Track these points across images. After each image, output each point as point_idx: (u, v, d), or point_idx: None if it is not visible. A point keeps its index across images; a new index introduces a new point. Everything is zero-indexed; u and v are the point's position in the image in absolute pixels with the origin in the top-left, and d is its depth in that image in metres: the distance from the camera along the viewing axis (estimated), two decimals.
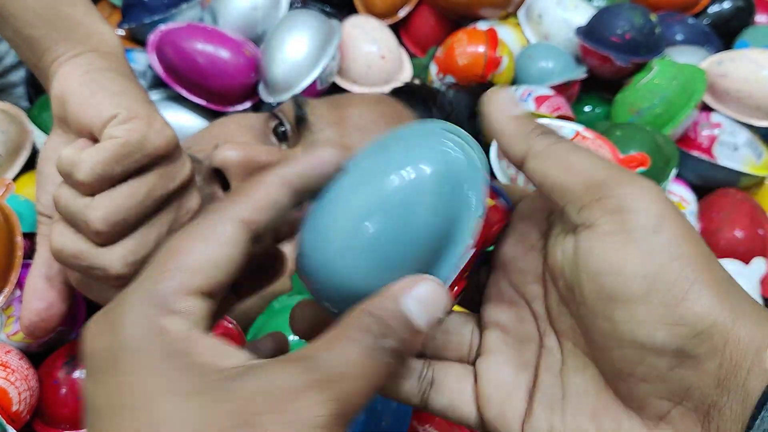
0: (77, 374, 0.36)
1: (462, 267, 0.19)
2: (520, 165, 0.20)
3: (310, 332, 0.22)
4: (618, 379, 0.18)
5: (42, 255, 0.34)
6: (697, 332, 0.16)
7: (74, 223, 0.30)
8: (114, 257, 0.29)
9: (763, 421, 0.15)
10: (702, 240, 0.17)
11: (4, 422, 0.32)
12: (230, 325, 0.36)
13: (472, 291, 0.23)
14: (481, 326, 0.22)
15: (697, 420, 0.16)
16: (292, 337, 0.36)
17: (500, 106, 0.20)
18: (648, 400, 0.17)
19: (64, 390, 0.36)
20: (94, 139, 0.32)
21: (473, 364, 0.22)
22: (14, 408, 0.33)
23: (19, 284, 0.37)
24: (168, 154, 0.32)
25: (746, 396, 0.16)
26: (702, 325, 0.16)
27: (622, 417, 0.18)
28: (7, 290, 0.36)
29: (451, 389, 0.21)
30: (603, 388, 0.19)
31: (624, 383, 0.18)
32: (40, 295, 0.33)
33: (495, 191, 0.21)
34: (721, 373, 0.16)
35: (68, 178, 0.29)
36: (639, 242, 0.17)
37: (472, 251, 0.19)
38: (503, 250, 0.22)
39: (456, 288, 0.21)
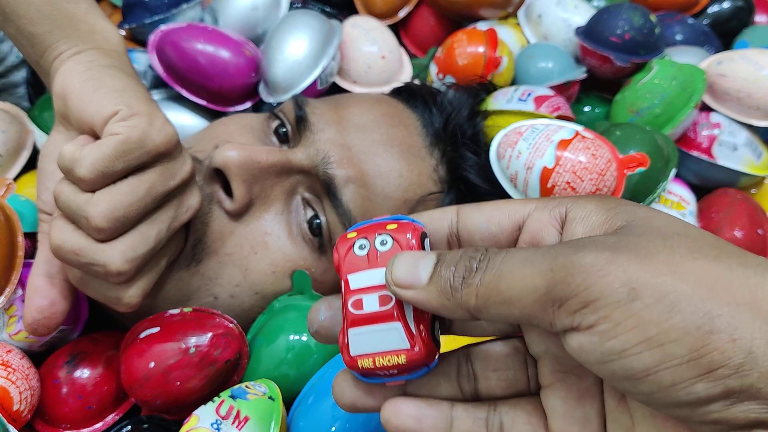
0: (78, 373, 0.36)
1: (413, 330, 0.19)
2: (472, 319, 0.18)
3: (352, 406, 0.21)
4: (681, 423, 0.16)
5: (43, 253, 0.34)
6: (737, 366, 0.14)
7: (74, 219, 0.30)
8: (114, 253, 0.30)
9: None
10: (693, 254, 0.15)
11: (5, 421, 0.32)
12: (231, 325, 0.36)
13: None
14: (532, 355, 0.21)
15: None
16: (293, 337, 0.36)
17: (407, 279, 0.18)
18: (722, 429, 0.15)
19: (64, 389, 0.36)
20: (96, 136, 0.32)
21: (537, 394, 0.20)
22: (15, 407, 0.33)
23: (21, 284, 0.37)
24: (169, 152, 0.32)
25: None
26: (738, 357, 0.14)
27: None
28: (8, 290, 0.36)
29: (523, 431, 0.19)
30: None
31: (689, 425, 0.16)
32: (42, 293, 0.33)
33: (394, 220, 0.21)
34: None
35: (69, 174, 0.30)
36: (625, 319, 0.15)
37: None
38: None
39: (424, 347, 0.19)
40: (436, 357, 0.20)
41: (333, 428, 0.32)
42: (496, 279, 0.16)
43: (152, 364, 0.34)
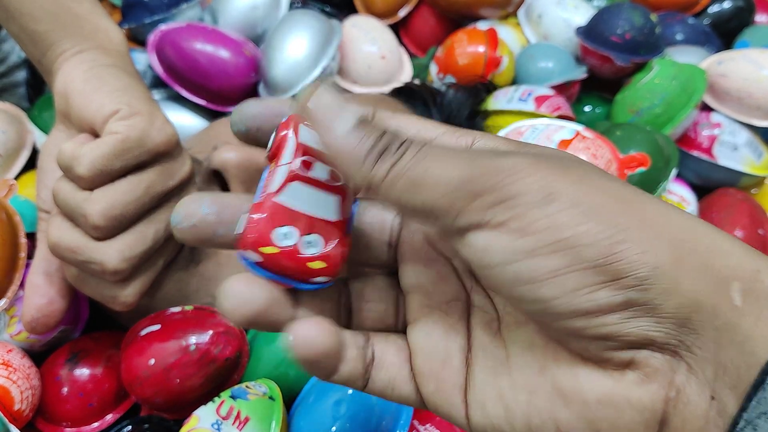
0: (79, 371, 0.37)
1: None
2: (366, 192, 0.17)
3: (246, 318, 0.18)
4: (568, 340, 0.16)
5: (42, 251, 0.34)
6: (642, 279, 0.14)
7: (72, 216, 0.30)
8: (111, 252, 0.30)
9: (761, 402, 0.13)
10: (607, 178, 0.16)
11: (6, 421, 0.32)
12: (232, 323, 0.36)
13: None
14: (403, 291, 0.20)
15: (664, 360, 0.15)
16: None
17: (325, 115, 0.16)
18: (607, 355, 0.15)
19: (65, 387, 0.36)
20: (96, 135, 0.32)
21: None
22: (16, 407, 0.33)
23: (22, 285, 0.37)
24: (168, 152, 0.32)
25: (718, 336, 0.14)
26: (644, 270, 0.14)
27: (578, 369, 0.16)
28: (11, 291, 0.36)
29: (391, 364, 0.18)
30: (551, 340, 0.17)
31: (576, 343, 0.16)
32: (40, 291, 0.33)
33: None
34: (681, 313, 0.15)
35: (68, 172, 0.30)
36: (539, 219, 0.15)
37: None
38: None
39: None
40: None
41: (333, 428, 0.32)
42: (414, 164, 0.16)
43: (152, 362, 0.34)
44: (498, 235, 0.15)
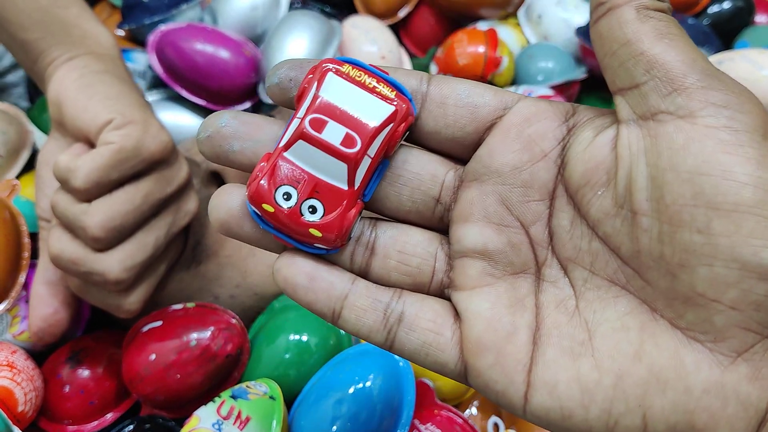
0: (80, 370, 0.37)
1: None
2: (605, 10, 0.16)
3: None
4: (690, 304, 0.15)
5: (44, 260, 0.34)
6: None
7: (72, 229, 0.30)
8: (112, 262, 0.30)
9: None
10: None
11: (10, 422, 0.32)
12: (233, 320, 0.36)
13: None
14: (451, 251, 0.18)
15: None
16: (293, 337, 0.36)
17: None
18: (730, 332, 0.14)
19: (67, 385, 0.36)
20: (91, 144, 0.32)
21: (442, 297, 0.18)
22: (20, 408, 0.34)
23: (25, 285, 0.37)
24: (164, 159, 0.32)
25: None
26: None
27: (683, 351, 0.15)
28: (15, 291, 0.36)
29: (426, 329, 0.17)
30: (649, 320, 0.15)
31: (699, 310, 0.14)
32: (45, 301, 0.33)
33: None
34: None
35: (65, 185, 0.30)
36: (749, 146, 0.14)
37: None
38: (498, 159, 0.17)
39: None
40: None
41: (334, 428, 0.32)
42: (675, 24, 0.16)
43: (153, 357, 0.34)
44: (706, 137, 0.14)
